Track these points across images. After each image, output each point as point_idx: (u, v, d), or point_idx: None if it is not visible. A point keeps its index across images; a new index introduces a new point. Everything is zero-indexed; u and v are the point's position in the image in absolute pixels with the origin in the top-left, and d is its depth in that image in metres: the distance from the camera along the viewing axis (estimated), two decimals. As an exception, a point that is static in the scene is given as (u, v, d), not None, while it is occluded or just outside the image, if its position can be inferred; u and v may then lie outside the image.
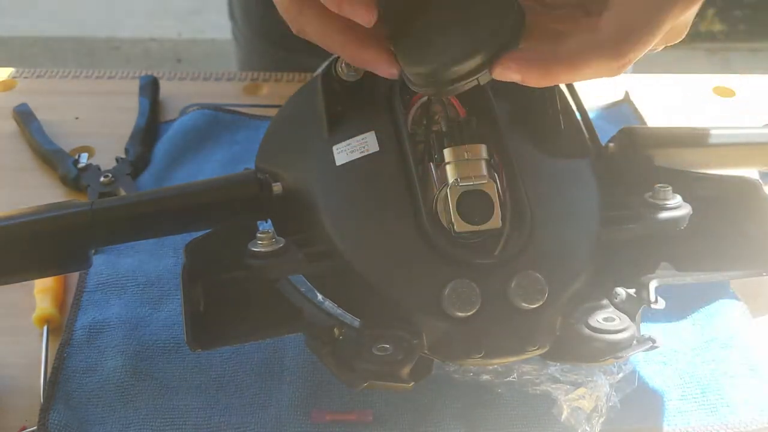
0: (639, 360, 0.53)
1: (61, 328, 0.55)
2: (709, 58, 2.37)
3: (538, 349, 0.41)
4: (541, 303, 0.40)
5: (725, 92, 0.81)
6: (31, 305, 0.57)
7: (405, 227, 0.43)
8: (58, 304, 0.56)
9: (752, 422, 0.50)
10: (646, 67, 0.47)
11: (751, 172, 0.59)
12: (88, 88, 0.79)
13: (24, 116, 0.72)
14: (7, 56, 2.29)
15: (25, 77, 0.80)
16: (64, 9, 2.48)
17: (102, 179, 0.66)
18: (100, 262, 0.59)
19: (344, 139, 0.47)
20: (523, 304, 0.40)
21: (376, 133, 0.47)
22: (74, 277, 0.58)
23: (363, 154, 0.46)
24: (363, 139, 0.47)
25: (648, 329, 0.55)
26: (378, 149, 0.46)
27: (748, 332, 0.55)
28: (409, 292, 0.41)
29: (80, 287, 0.58)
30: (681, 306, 0.57)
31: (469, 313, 0.40)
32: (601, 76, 0.38)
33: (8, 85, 0.79)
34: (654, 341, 0.43)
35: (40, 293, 0.56)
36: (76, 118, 0.75)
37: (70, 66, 0.83)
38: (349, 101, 0.49)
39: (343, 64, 0.48)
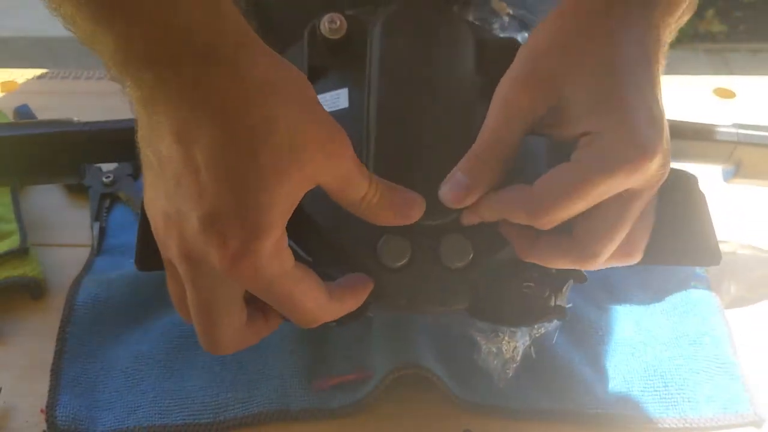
0: (607, 349, 0.54)
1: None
2: (709, 59, 2.37)
3: (458, 304, 0.44)
4: (464, 263, 0.43)
5: (725, 93, 0.81)
6: (30, 308, 0.57)
7: None
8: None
9: (713, 419, 0.50)
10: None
11: (714, 169, 0.61)
12: (88, 89, 0.79)
13: (25, 117, 0.72)
14: (7, 56, 2.29)
15: (26, 78, 0.80)
16: (65, 9, 2.48)
17: (103, 180, 0.66)
18: (102, 263, 0.60)
19: (320, 93, 0.49)
20: (449, 263, 0.43)
21: (349, 90, 0.49)
22: (76, 275, 0.58)
23: (332, 110, 0.48)
24: (336, 94, 0.49)
25: (621, 321, 0.56)
26: (347, 106, 0.48)
27: (720, 330, 0.55)
28: (351, 241, 0.44)
29: (84, 272, 0.58)
30: (660, 302, 0.58)
31: (398, 264, 0.43)
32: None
33: (9, 86, 0.79)
34: (564, 309, 0.45)
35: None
36: (77, 119, 0.75)
37: (71, 67, 0.82)
38: (331, 58, 0.50)
39: (327, 22, 0.50)
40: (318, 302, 0.40)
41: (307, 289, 0.39)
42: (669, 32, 0.41)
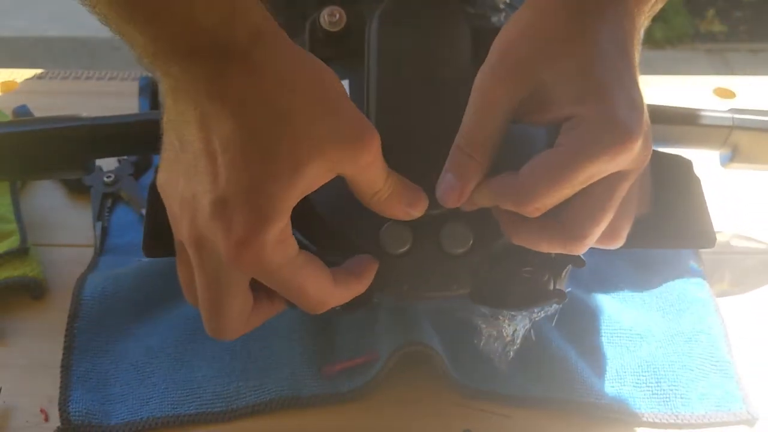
0: (602, 342, 0.55)
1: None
2: (709, 59, 2.37)
3: (459, 289, 0.45)
4: (464, 250, 0.44)
5: (726, 93, 0.81)
6: (31, 307, 0.57)
7: None
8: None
9: (705, 416, 0.51)
10: (647, 68, 0.47)
11: (711, 154, 0.61)
12: (88, 89, 0.79)
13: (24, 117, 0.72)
14: (7, 57, 2.29)
15: (26, 78, 0.80)
16: (65, 9, 2.48)
17: (105, 179, 0.66)
18: (106, 262, 0.60)
19: None
20: (450, 249, 0.44)
21: (350, 82, 0.49)
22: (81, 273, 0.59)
23: None
24: None
25: (618, 316, 0.56)
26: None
27: (716, 329, 0.55)
28: (353, 228, 0.45)
29: (88, 271, 0.59)
30: (657, 299, 0.58)
31: (399, 251, 0.44)
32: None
33: (9, 86, 0.79)
34: (563, 292, 0.46)
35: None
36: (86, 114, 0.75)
37: (71, 67, 0.82)
38: (332, 50, 0.51)
39: (326, 15, 0.50)
40: (323, 288, 0.40)
41: (311, 275, 0.39)
42: (643, 19, 0.42)
